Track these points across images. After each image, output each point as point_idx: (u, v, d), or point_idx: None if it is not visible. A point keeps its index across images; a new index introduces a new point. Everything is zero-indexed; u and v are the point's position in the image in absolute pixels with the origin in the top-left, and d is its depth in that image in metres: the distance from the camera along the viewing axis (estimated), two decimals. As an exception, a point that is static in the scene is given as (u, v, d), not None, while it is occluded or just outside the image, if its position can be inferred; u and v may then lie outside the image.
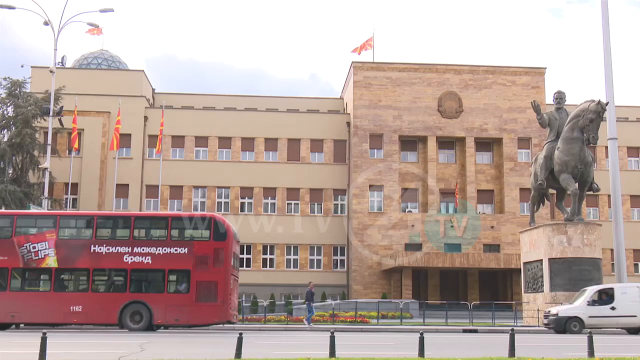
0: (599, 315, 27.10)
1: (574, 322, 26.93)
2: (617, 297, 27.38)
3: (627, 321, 27.30)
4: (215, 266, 25.36)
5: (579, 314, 27.10)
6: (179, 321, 25.24)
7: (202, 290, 25.16)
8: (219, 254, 25.49)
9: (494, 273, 47.67)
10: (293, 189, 50.60)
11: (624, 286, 28.88)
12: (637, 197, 51.85)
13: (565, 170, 32.00)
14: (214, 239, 25.64)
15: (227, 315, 25.42)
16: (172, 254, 25.36)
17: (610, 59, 35.37)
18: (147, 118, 50.36)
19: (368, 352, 15.20)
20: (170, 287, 25.46)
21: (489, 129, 50.23)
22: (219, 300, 25.17)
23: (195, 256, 25.32)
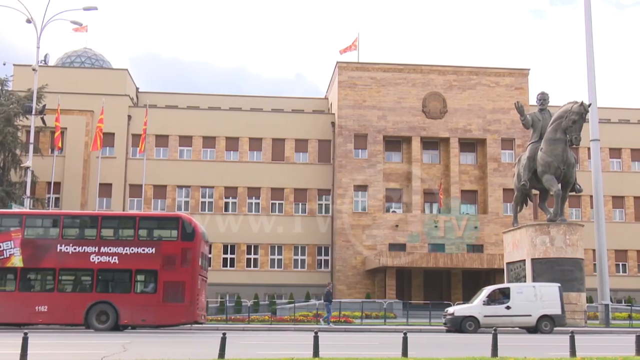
0: (494, 314, 27.28)
1: (469, 321, 27.12)
2: (512, 296, 27.62)
3: (522, 320, 27.51)
4: (182, 266, 25.26)
5: (474, 314, 27.30)
6: (146, 321, 25.12)
7: (169, 291, 25.07)
8: (186, 254, 25.39)
9: (477, 273, 47.85)
10: (277, 188, 50.53)
11: (520, 286, 29.17)
12: (619, 198, 52.28)
13: (548, 171, 32.20)
14: (181, 239, 25.53)
15: (194, 315, 25.33)
16: (139, 254, 25.24)
17: (593, 61, 35.68)
18: (131, 117, 50.10)
19: (352, 352, 15.20)
20: (138, 287, 25.36)
21: (472, 129, 50.44)
22: (186, 300, 25.08)
23: (163, 256, 25.21)
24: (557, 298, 27.81)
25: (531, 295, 27.78)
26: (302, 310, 39.49)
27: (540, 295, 27.74)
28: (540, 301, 27.55)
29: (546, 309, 27.49)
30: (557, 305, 27.67)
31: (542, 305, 27.49)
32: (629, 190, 52.31)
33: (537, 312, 27.39)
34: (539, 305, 27.48)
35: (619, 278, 49.70)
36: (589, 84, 35.57)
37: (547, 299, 27.66)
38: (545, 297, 27.71)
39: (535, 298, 27.62)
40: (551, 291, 28.12)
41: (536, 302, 27.52)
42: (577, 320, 31.42)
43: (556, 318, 27.53)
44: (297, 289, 47.69)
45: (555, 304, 27.65)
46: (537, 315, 27.37)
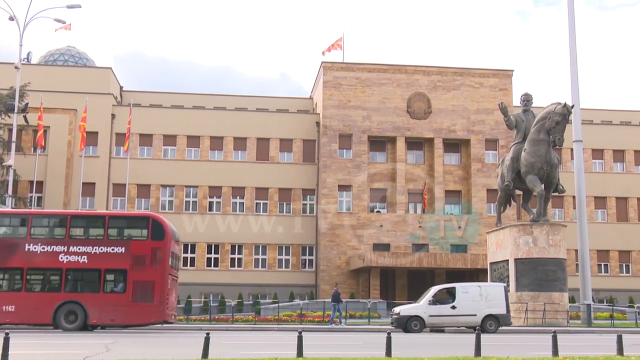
0: (440, 314, 27.46)
1: (414, 321, 27.19)
2: (458, 296, 27.74)
3: (467, 320, 27.64)
4: (152, 266, 25.18)
5: (420, 313, 27.39)
6: (115, 321, 25.01)
7: (138, 290, 24.97)
8: (156, 253, 25.30)
9: (461, 273, 48.01)
10: (262, 188, 50.45)
11: (465, 285, 29.26)
12: (601, 198, 52.69)
13: (532, 171, 32.38)
14: (151, 239, 25.44)
15: (163, 315, 25.23)
16: (108, 253, 25.10)
17: (576, 63, 35.94)
18: (115, 116, 49.83)
19: (336, 352, 15.20)
20: (107, 287, 25.23)
21: (457, 130, 50.63)
22: (155, 300, 24.99)
23: (133, 256, 25.10)
24: (503, 298, 27.89)
25: (476, 295, 27.83)
26: (286, 310, 39.46)
27: (485, 295, 27.79)
28: (485, 301, 27.61)
29: (491, 308, 27.54)
30: (502, 305, 27.71)
31: (487, 305, 27.55)
32: (611, 191, 52.73)
33: (483, 312, 27.44)
34: (484, 305, 27.54)
35: (601, 278, 50.10)
36: (572, 85, 35.81)
37: (492, 298, 27.72)
38: (491, 296, 27.77)
39: (481, 298, 27.67)
40: (496, 291, 28.22)
41: (481, 302, 27.58)
42: (559, 320, 31.63)
43: (501, 317, 27.57)
44: (281, 289, 47.66)
45: (500, 304, 27.70)
46: (482, 315, 27.40)
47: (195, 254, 49.15)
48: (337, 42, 52.46)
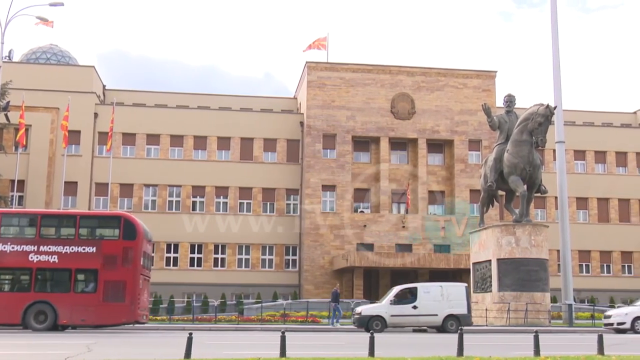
0: (401, 314, 27.56)
1: (376, 321, 27.24)
2: (419, 296, 27.88)
3: (428, 320, 27.80)
4: (124, 265, 25.10)
5: (381, 313, 27.48)
6: (85, 321, 24.89)
7: (109, 290, 24.89)
8: (128, 253, 25.22)
9: (444, 273, 48.17)
10: (245, 188, 50.35)
11: (427, 285, 29.49)
12: (583, 199, 53.09)
13: (514, 172, 32.54)
14: (123, 238, 25.36)
15: (135, 315, 25.17)
16: (79, 253, 24.98)
17: (559, 64, 36.15)
18: (98, 115, 49.52)
19: (319, 352, 15.19)
20: (77, 287, 25.10)
21: (440, 130, 50.80)
22: (126, 300, 24.91)
23: (104, 255, 25.01)
24: (464, 298, 28.04)
25: (438, 295, 27.95)
26: (270, 310, 39.41)
27: (447, 295, 27.92)
28: (446, 301, 27.75)
29: (452, 308, 27.68)
30: (463, 305, 27.85)
31: (448, 305, 27.69)
32: (593, 192, 53.15)
33: (444, 312, 27.58)
34: (445, 305, 27.67)
35: (583, 278, 50.48)
36: (555, 86, 36.02)
37: (453, 298, 27.86)
38: (452, 296, 27.91)
39: (442, 298, 27.80)
40: (458, 291, 28.34)
41: (442, 302, 27.71)
42: (541, 320, 31.83)
43: (462, 317, 27.69)
44: (265, 289, 47.59)
45: (461, 304, 27.85)
46: (443, 314, 27.55)
47: (179, 254, 48.97)
48: (320, 41, 52.41)
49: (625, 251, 52.84)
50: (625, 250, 52.82)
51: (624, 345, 18.69)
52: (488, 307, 32.81)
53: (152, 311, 40.42)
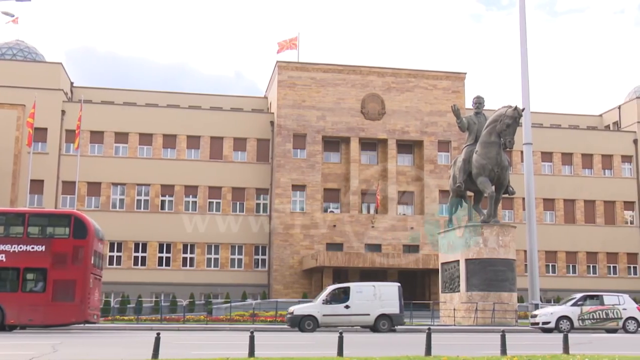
0: (333, 313, 27.67)
1: (308, 320, 27.37)
2: (352, 296, 28.01)
3: (360, 319, 27.93)
4: (74, 264, 24.93)
5: (314, 313, 27.58)
6: (33, 321, 24.63)
7: (59, 290, 24.67)
8: (78, 252, 25.03)
9: (413, 273, 48.48)
10: (215, 187, 50.11)
11: (360, 285, 29.65)
12: (549, 200, 53.77)
13: (483, 173, 32.79)
14: (73, 237, 25.16)
15: (84, 315, 24.97)
16: (28, 251, 24.70)
17: (527, 67, 36.51)
18: (65, 112, 48.88)
19: (288, 352, 15.17)
20: (26, 286, 24.86)
21: (410, 131, 51.07)
22: (76, 299, 24.72)
23: (54, 254, 24.78)
24: (397, 297, 28.18)
25: (370, 294, 28.07)
26: (239, 310, 39.29)
27: (379, 294, 28.05)
28: (379, 300, 27.86)
29: (385, 308, 27.81)
30: (395, 305, 27.99)
31: (380, 305, 27.80)
32: (560, 193, 53.88)
33: (376, 312, 27.68)
34: (377, 304, 27.78)
35: (549, 278, 51.15)
36: (523, 89, 36.38)
37: (386, 298, 28.00)
38: (385, 296, 28.05)
39: (375, 297, 27.91)
40: (390, 291, 28.48)
41: (375, 302, 27.81)
42: (508, 319, 32.13)
43: (394, 317, 27.89)
44: (234, 289, 47.40)
45: (394, 304, 27.98)
46: (375, 314, 27.66)
47: (147, 253, 48.56)
48: (292, 40, 52.43)
49: (591, 252, 53.67)
50: (590, 251, 53.65)
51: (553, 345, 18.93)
52: (456, 307, 33.04)
53: (119, 311, 40.15)
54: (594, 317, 28.33)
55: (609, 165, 55.32)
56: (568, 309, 28.61)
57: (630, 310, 28.65)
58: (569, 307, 28.73)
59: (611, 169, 55.29)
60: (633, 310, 28.69)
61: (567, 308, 28.70)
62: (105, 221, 46.51)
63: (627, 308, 28.69)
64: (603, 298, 29.08)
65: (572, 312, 28.33)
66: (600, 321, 28.35)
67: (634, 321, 28.38)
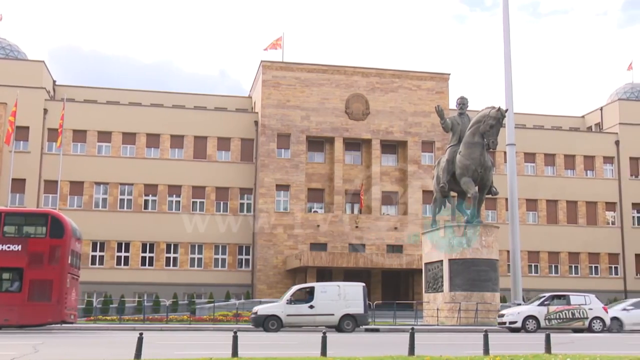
0: (297, 313, 27.75)
1: (272, 320, 27.44)
2: (316, 295, 28.08)
3: (324, 319, 27.96)
4: (51, 264, 24.80)
5: (278, 313, 27.65)
6: (9, 321, 24.44)
7: (35, 289, 24.55)
8: (55, 251, 24.90)
9: (396, 273, 48.58)
10: (198, 187, 49.95)
11: (325, 285, 29.79)
12: (532, 201, 54.09)
13: (466, 173, 32.92)
14: (50, 236, 25.03)
15: (61, 315, 24.84)
16: (4, 251, 24.58)
17: (510, 68, 36.71)
18: (47, 111, 48.51)
19: (271, 352, 15.15)
20: (2, 286, 24.77)
21: (394, 131, 51.16)
22: (53, 299, 24.59)
23: (30, 254, 24.66)
24: (361, 297, 28.24)
25: (335, 294, 28.13)
26: (222, 310, 39.20)
27: (344, 294, 28.11)
28: (343, 300, 27.92)
29: (349, 308, 27.87)
30: (360, 305, 28.06)
31: (345, 305, 27.86)
32: (542, 194, 54.23)
33: (340, 311, 27.73)
34: (342, 304, 27.84)
35: (531, 278, 51.45)
36: (506, 90, 36.57)
37: (350, 298, 28.05)
38: (349, 296, 28.10)
39: (339, 297, 27.97)
40: (355, 291, 28.53)
41: (339, 302, 27.88)
42: (491, 319, 32.25)
43: (359, 317, 27.96)
44: (217, 289, 47.27)
45: (358, 303, 28.04)
46: (339, 314, 27.71)
47: (130, 253, 48.31)
48: (277, 41, 52.39)
49: (573, 252, 54.06)
50: (572, 251, 54.04)
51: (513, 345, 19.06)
52: (439, 306, 33.15)
53: (102, 311, 39.92)
54: (561, 316, 28.53)
55: (591, 166, 55.75)
56: (535, 308, 28.77)
57: (596, 310, 28.88)
58: (535, 306, 28.90)
59: (593, 170, 55.73)
60: (599, 310, 28.94)
61: (533, 308, 28.85)
62: (87, 221, 46.37)
63: (593, 308, 28.92)
64: (570, 298, 29.33)
65: (538, 312, 28.50)
66: (567, 321, 28.55)
67: (600, 321, 28.63)
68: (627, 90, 61.08)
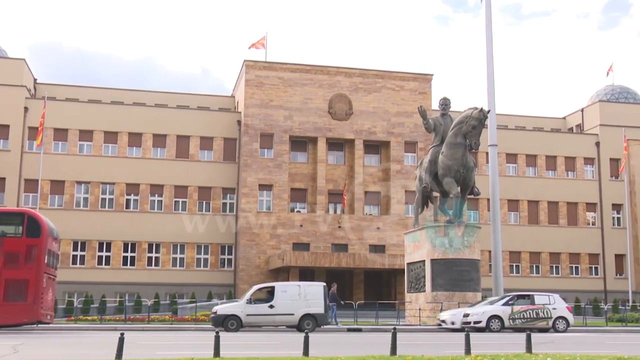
0: (257, 313, 27.71)
1: (231, 320, 27.37)
2: (277, 295, 28.03)
3: (284, 319, 27.99)
4: (27, 264, 24.62)
5: (237, 312, 27.60)
6: None
7: (10, 289, 24.36)
8: (31, 251, 24.72)
9: (378, 273, 48.68)
10: (181, 186, 49.75)
11: (285, 284, 29.90)
12: (514, 201, 54.44)
13: (449, 174, 33.05)
14: (26, 236, 24.84)
15: (37, 315, 24.65)
16: None
17: (493, 69, 36.87)
18: (28, 109, 48.11)
19: (253, 352, 15.13)
20: None
21: (377, 132, 51.26)
22: (29, 299, 24.42)
23: (6, 253, 24.47)
24: (322, 297, 28.24)
25: (295, 294, 28.09)
26: (204, 310, 38.99)
27: (304, 294, 28.08)
28: (304, 300, 27.89)
29: (309, 307, 27.83)
30: (320, 305, 28.03)
31: (305, 305, 27.83)
32: (524, 195, 54.57)
33: (300, 311, 27.69)
34: (302, 304, 27.81)
35: (513, 278, 51.74)
36: (489, 91, 36.73)
37: (311, 298, 28.03)
38: (310, 296, 28.08)
39: (299, 297, 27.93)
40: (316, 290, 28.51)
41: (299, 301, 27.84)
42: (472, 319, 32.38)
43: (319, 317, 27.94)
44: (199, 289, 47.10)
45: (319, 303, 28.01)
46: (300, 314, 27.67)
47: (111, 253, 48.01)
48: (260, 41, 52.29)
49: (553, 252, 54.48)
50: (553, 252, 54.46)
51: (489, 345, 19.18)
52: (421, 306, 33.25)
53: (82, 311, 39.62)
54: (525, 316, 28.68)
55: (572, 167, 56.20)
56: (499, 308, 28.85)
57: (560, 310, 29.09)
58: (499, 306, 28.98)
59: (574, 171, 56.18)
60: (563, 310, 29.16)
61: (497, 307, 28.92)
62: (68, 220, 46.11)
63: (557, 308, 29.13)
64: (534, 297, 29.51)
65: (502, 312, 28.57)
66: (531, 320, 28.70)
67: (564, 320, 28.84)
68: (607, 92, 61.64)
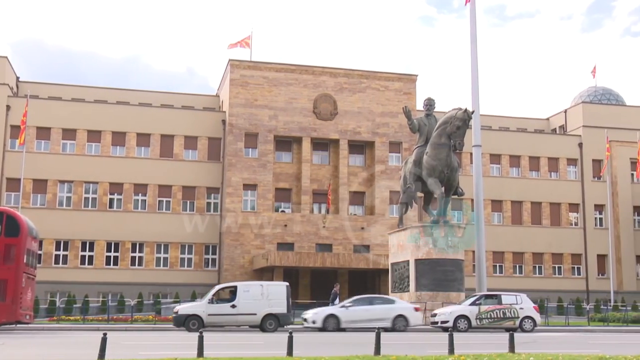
0: (219, 313, 27.73)
1: (192, 320, 27.35)
2: (239, 295, 28.11)
3: (247, 319, 28.06)
4: (5, 263, 24.50)
5: (199, 312, 27.59)
6: None
7: None
8: (10, 250, 24.60)
9: (363, 273, 48.74)
10: (165, 186, 49.54)
11: (247, 284, 29.92)
12: (497, 202, 54.71)
13: (433, 174, 33.16)
14: (5, 235, 24.71)
15: (16, 315, 24.53)
16: None
17: (477, 70, 36.99)
18: (10, 107, 47.72)
19: (237, 352, 15.10)
20: None
21: (362, 132, 51.33)
22: (7, 299, 24.31)
23: None
24: (284, 297, 28.29)
25: (257, 294, 28.14)
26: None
27: (267, 294, 28.15)
28: (266, 300, 27.97)
29: (272, 307, 27.91)
30: (283, 304, 28.11)
31: (268, 304, 27.91)
32: (507, 195, 54.87)
33: (263, 311, 27.77)
34: (264, 304, 27.88)
35: (496, 278, 51.98)
36: (473, 91, 36.85)
37: (273, 297, 28.10)
38: (272, 296, 28.15)
39: (262, 297, 28.00)
40: (278, 290, 28.59)
41: (262, 301, 27.90)
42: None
43: (281, 317, 28.05)
44: (183, 288, 46.93)
45: (281, 303, 28.09)
46: (262, 313, 27.75)
47: (94, 252, 47.72)
48: (245, 40, 52.21)
49: (536, 252, 54.81)
50: (536, 252, 54.79)
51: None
52: (405, 306, 33.27)
53: (65, 311, 39.38)
54: (492, 316, 28.83)
55: (555, 168, 56.57)
56: (466, 308, 28.96)
57: (527, 310, 29.26)
58: (466, 306, 29.10)
59: (557, 171, 56.56)
60: (530, 310, 29.33)
61: (464, 307, 29.04)
62: (51, 219, 45.80)
63: (524, 307, 29.30)
64: (501, 297, 29.70)
65: (470, 311, 28.69)
66: (498, 320, 28.85)
67: (531, 320, 29.02)
68: (590, 94, 62.12)
